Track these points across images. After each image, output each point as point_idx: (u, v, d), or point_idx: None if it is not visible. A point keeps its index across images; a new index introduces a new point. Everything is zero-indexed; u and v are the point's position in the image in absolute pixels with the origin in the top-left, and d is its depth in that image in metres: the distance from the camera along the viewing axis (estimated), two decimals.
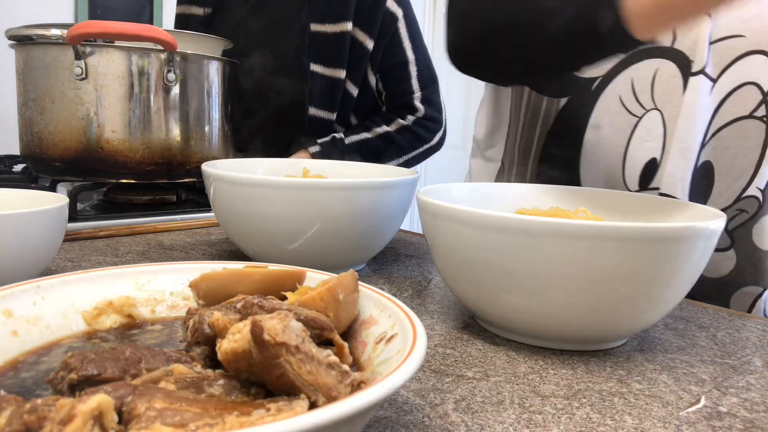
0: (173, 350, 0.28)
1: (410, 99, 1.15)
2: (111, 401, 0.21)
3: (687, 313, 0.52)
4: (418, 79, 1.15)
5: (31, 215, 0.44)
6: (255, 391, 0.25)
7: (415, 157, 1.19)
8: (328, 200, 0.51)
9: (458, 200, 0.52)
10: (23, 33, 0.80)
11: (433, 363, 0.38)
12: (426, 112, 1.15)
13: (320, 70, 1.08)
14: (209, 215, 0.82)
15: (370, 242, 0.57)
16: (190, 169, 0.85)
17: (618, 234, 0.36)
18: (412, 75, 1.15)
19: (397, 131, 1.13)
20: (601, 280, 0.37)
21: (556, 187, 0.58)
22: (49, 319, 0.32)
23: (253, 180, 0.52)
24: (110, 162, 0.79)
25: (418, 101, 1.15)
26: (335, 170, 0.71)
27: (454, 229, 0.41)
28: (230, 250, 0.65)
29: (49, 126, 0.78)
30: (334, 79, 1.09)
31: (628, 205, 0.53)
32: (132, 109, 0.78)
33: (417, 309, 0.48)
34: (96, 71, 0.76)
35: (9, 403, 0.21)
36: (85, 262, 0.57)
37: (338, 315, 0.31)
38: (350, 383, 0.25)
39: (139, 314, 0.35)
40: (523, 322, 0.41)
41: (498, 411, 0.32)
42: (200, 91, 0.85)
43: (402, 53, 1.14)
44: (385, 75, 1.15)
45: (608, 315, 0.39)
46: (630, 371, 0.39)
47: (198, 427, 0.21)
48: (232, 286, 0.34)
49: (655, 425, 0.32)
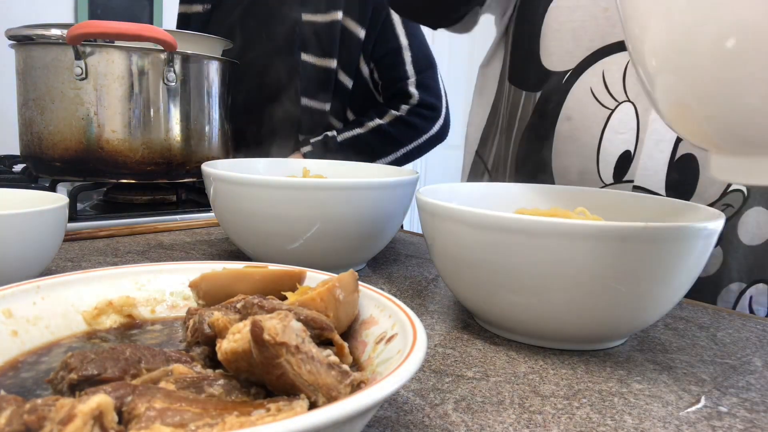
0: (173, 350, 0.28)
1: (404, 85, 1.12)
2: (111, 401, 0.21)
3: (687, 313, 0.52)
4: (413, 64, 1.12)
5: (31, 215, 0.44)
6: (255, 391, 0.25)
7: (417, 148, 1.16)
8: (328, 200, 0.51)
9: (458, 200, 0.52)
10: (23, 33, 0.80)
11: (433, 363, 0.38)
12: (421, 99, 1.12)
13: (311, 60, 1.08)
14: (209, 215, 0.82)
15: (370, 242, 0.57)
16: (190, 169, 0.85)
17: (617, 234, 0.36)
18: (405, 60, 1.12)
19: (390, 123, 1.11)
20: (601, 280, 0.37)
21: (556, 187, 0.58)
22: (49, 319, 0.32)
23: (253, 180, 0.52)
24: (110, 162, 0.79)
25: (412, 87, 1.12)
26: (335, 170, 0.71)
27: (454, 229, 0.41)
28: (230, 250, 0.65)
29: (49, 126, 0.78)
30: (326, 69, 1.08)
31: (628, 205, 0.53)
32: (132, 109, 0.78)
33: (417, 309, 0.48)
34: (96, 71, 0.76)
35: (9, 403, 0.21)
36: (85, 262, 0.57)
37: (338, 315, 0.31)
38: (350, 383, 0.25)
39: (139, 314, 0.35)
40: (523, 322, 0.41)
41: (498, 411, 0.32)
42: (200, 91, 0.85)
43: (395, 39, 1.12)
44: (378, 63, 1.13)
45: (608, 314, 0.39)
46: (630, 371, 0.39)
47: (198, 427, 0.21)
48: (232, 286, 0.34)
49: (655, 425, 0.32)
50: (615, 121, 0.65)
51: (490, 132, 0.84)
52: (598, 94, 0.65)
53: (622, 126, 0.64)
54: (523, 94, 0.73)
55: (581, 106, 0.67)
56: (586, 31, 0.66)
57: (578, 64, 0.67)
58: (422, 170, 3.36)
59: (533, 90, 0.72)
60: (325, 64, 1.08)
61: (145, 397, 0.22)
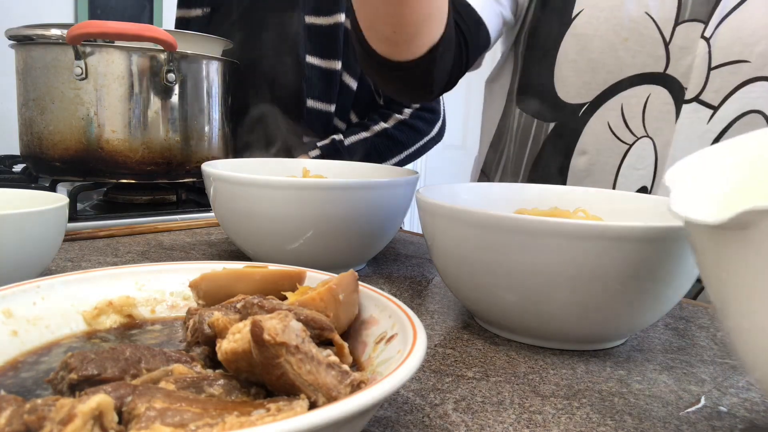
0: (173, 350, 0.28)
1: None
2: (111, 401, 0.21)
3: (687, 313, 0.52)
4: None
5: (31, 215, 0.44)
6: (255, 391, 0.25)
7: (417, 150, 1.18)
8: (328, 200, 0.51)
9: (458, 200, 0.52)
10: (23, 33, 0.80)
11: (433, 363, 0.38)
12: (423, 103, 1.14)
13: (316, 62, 1.08)
14: (209, 215, 0.82)
15: (370, 242, 0.57)
16: (190, 169, 0.85)
17: (617, 234, 0.36)
18: None
19: (394, 127, 1.13)
20: (601, 280, 0.37)
21: (556, 187, 0.57)
22: (49, 319, 0.32)
23: (253, 180, 0.52)
24: (110, 162, 0.79)
25: None
26: (335, 170, 0.71)
27: (454, 229, 0.41)
28: (230, 250, 0.65)
29: (49, 126, 0.78)
30: (331, 71, 1.09)
31: (628, 205, 0.53)
32: (132, 109, 0.78)
33: (417, 309, 0.48)
34: (96, 71, 0.76)
35: (9, 403, 0.21)
36: (85, 262, 0.57)
37: (338, 315, 0.31)
38: (350, 383, 0.25)
39: (139, 314, 0.35)
40: (523, 322, 0.41)
41: (498, 411, 0.32)
42: (200, 91, 0.85)
43: None
44: None
45: (608, 314, 0.39)
46: (630, 371, 0.39)
47: (198, 427, 0.21)
48: (232, 286, 0.34)
49: (655, 425, 0.32)
50: (633, 156, 0.63)
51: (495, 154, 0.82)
52: (616, 128, 0.63)
53: (640, 162, 0.62)
54: (535, 122, 0.70)
55: (598, 141, 0.64)
56: (604, 63, 0.63)
57: (596, 97, 0.64)
58: (422, 170, 3.36)
59: (546, 120, 0.69)
60: (329, 65, 1.09)
61: (145, 397, 0.22)
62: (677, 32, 0.59)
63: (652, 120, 0.62)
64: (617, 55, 0.62)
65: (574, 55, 0.65)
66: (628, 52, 0.62)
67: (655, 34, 0.60)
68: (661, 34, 0.60)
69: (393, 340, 0.29)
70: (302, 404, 0.23)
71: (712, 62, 0.59)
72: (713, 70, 0.59)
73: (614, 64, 0.63)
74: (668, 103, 0.61)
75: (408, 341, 0.27)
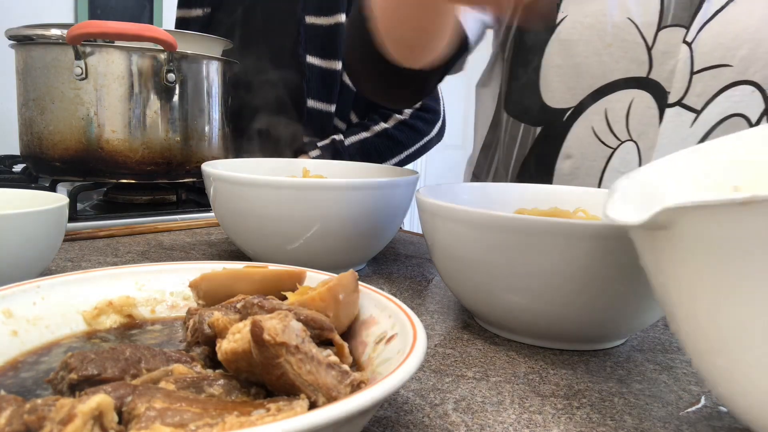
0: (173, 350, 0.28)
1: None
2: (111, 401, 0.21)
3: None
4: None
5: (31, 215, 0.44)
6: (255, 391, 0.25)
7: (417, 150, 1.19)
8: (328, 200, 0.51)
9: (458, 200, 0.52)
10: (23, 33, 0.80)
11: (433, 363, 0.38)
12: (422, 103, 1.14)
13: (317, 62, 1.09)
14: (209, 215, 0.82)
15: (370, 242, 0.57)
16: (190, 169, 0.85)
17: (617, 234, 0.36)
18: None
19: (394, 127, 1.13)
20: (601, 280, 0.37)
21: (556, 187, 0.57)
22: (49, 319, 0.32)
23: (253, 180, 0.52)
24: (110, 162, 0.79)
25: None
26: (335, 170, 0.71)
27: (454, 229, 0.41)
28: (230, 250, 0.65)
29: (49, 126, 0.78)
30: (331, 71, 1.09)
31: None
32: (132, 109, 0.78)
33: (417, 309, 0.48)
34: (96, 71, 0.76)
35: (9, 403, 0.21)
36: (85, 262, 0.57)
37: (338, 315, 0.31)
38: (350, 383, 0.25)
39: (139, 314, 0.35)
40: (523, 322, 0.41)
41: (498, 411, 0.32)
42: (200, 91, 0.85)
43: None
44: None
45: (608, 314, 0.39)
46: (630, 371, 0.39)
47: (198, 427, 0.21)
48: (232, 286, 0.34)
49: (655, 425, 0.32)
50: (616, 160, 0.63)
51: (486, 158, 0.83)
52: (600, 133, 0.63)
53: (624, 165, 0.63)
54: (522, 126, 0.71)
55: (582, 145, 0.65)
56: (589, 68, 0.64)
57: (580, 102, 0.65)
58: (422, 170, 3.36)
59: (533, 124, 0.70)
60: (330, 65, 1.09)
61: (145, 397, 0.22)
62: (659, 37, 0.60)
63: (636, 124, 0.62)
64: (601, 60, 0.63)
65: (559, 61, 0.66)
66: (611, 57, 0.62)
67: (638, 39, 0.61)
68: (644, 39, 0.60)
69: (393, 340, 0.29)
70: (302, 404, 0.23)
71: (694, 66, 0.59)
72: (695, 75, 0.59)
73: (598, 69, 0.64)
74: (652, 108, 0.61)
75: (408, 341, 0.27)
